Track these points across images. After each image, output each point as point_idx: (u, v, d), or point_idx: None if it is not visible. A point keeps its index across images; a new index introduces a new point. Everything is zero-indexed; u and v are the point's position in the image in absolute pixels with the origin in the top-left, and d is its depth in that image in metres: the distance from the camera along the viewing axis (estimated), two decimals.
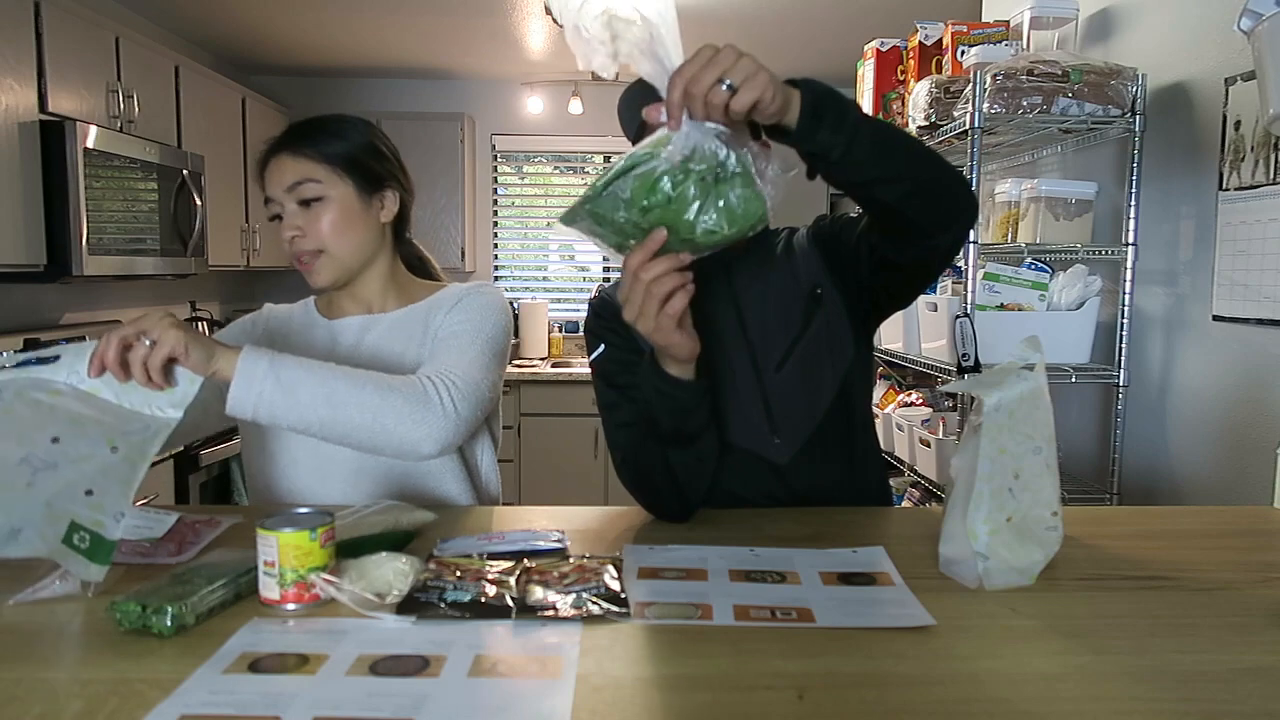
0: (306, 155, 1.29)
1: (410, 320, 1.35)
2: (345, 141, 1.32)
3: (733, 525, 1.16)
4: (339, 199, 1.30)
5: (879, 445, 1.43)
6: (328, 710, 0.67)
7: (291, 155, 1.29)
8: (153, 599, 0.82)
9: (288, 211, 1.29)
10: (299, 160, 1.29)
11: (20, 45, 2.41)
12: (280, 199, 1.29)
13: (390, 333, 1.34)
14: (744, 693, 0.71)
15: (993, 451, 0.94)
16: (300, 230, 1.29)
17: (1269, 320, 1.69)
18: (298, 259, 1.31)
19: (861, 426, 1.33)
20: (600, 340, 1.29)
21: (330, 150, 1.30)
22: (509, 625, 0.83)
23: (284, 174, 1.29)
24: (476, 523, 1.18)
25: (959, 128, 2.05)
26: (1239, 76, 1.76)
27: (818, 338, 1.27)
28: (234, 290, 4.55)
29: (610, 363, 1.28)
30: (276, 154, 1.31)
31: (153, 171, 2.92)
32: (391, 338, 1.34)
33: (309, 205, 1.29)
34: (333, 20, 3.76)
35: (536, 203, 5.11)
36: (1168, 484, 1.99)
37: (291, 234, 1.29)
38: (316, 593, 0.87)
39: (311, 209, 1.29)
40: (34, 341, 2.49)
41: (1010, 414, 0.95)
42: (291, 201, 1.29)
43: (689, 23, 4.03)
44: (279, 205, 1.30)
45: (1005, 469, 0.95)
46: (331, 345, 1.35)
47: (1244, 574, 1.00)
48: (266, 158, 1.32)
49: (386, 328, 1.35)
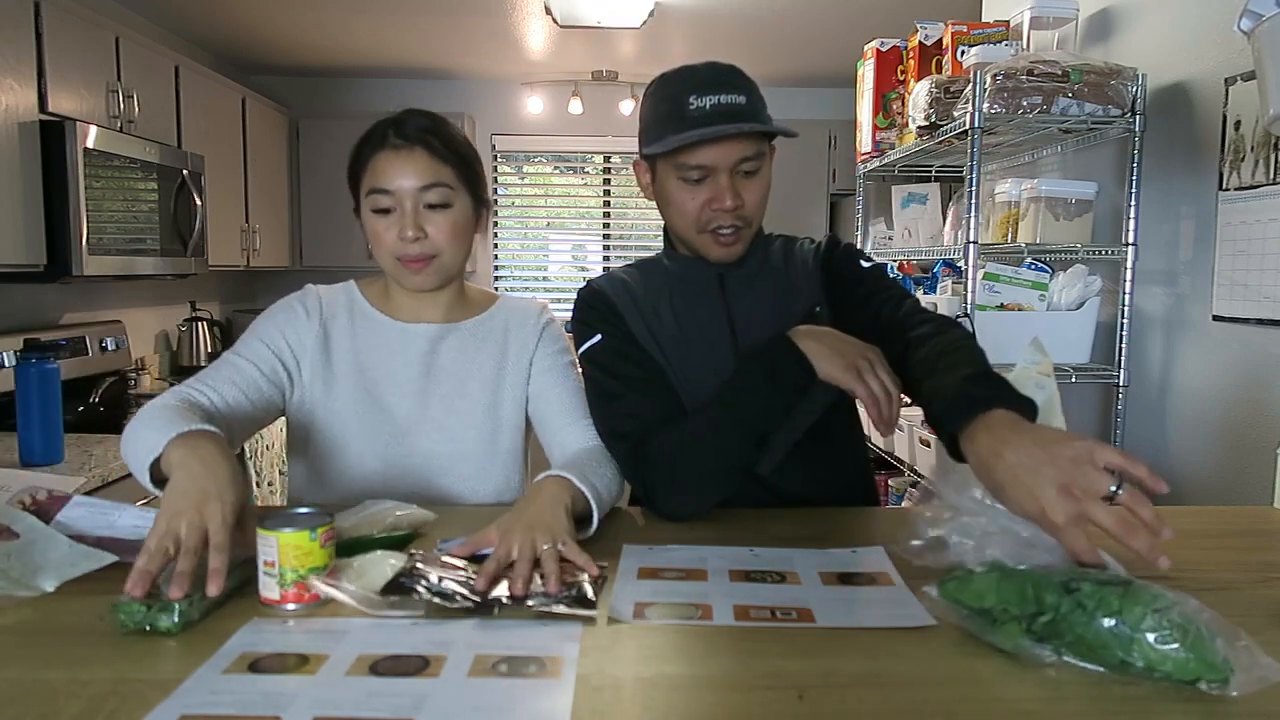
0: (444, 159, 1.25)
1: (483, 333, 1.38)
2: (470, 153, 1.30)
3: (733, 525, 1.16)
4: (462, 209, 1.28)
5: (865, 445, 1.43)
6: (328, 710, 0.67)
7: (429, 154, 1.24)
8: (155, 598, 0.82)
9: (409, 210, 1.24)
10: (435, 162, 1.24)
11: (20, 45, 2.40)
12: (404, 195, 1.24)
13: (465, 343, 1.36)
14: (744, 693, 0.71)
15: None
16: (422, 232, 1.25)
17: (1269, 320, 1.69)
18: (405, 259, 1.26)
19: (842, 429, 1.33)
20: (595, 330, 1.28)
21: (462, 157, 1.27)
22: (509, 625, 0.83)
23: (419, 171, 1.24)
24: (477, 523, 1.18)
25: (959, 128, 2.05)
26: (1239, 76, 1.76)
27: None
28: (234, 290, 4.55)
29: (609, 353, 1.27)
30: (405, 146, 1.24)
31: (153, 171, 2.92)
32: (465, 347, 1.36)
33: (435, 209, 1.25)
34: (333, 20, 3.76)
35: (536, 203, 5.11)
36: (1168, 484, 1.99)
37: (414, 234, 1.24)
38: (316, 593, 0.87)
39: (437, 212, 1.25)
40: (34, 341, 2.49)
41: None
42: (417, 201, 1.24)
43: (689, 23, 4.00)
44: (393, 199, 1.24)
45: None
46: (407, 350, 1.34)
47: (1244, 574, 1.00)
48: (380, 148, 1.25)
49: (462, 338, 1.36)
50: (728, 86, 1.20)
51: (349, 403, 1.31)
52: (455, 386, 1.34)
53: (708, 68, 1.24)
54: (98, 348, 3.13)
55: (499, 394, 1.36)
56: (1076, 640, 0.74)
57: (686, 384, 1.27)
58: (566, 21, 3.59)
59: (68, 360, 2.88)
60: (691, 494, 1.19)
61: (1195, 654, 0.70)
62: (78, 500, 1.07)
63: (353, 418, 1.31)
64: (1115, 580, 0.76)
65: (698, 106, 1.19)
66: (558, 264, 5.19)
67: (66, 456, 2.16)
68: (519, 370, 1.38)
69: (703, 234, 1.26)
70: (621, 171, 5.06)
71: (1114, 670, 0.73)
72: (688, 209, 1.24)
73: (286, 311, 1.34)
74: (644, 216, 5.12)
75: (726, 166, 1.20)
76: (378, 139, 1.26)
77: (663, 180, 1.26)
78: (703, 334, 1.29)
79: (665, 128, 1.21)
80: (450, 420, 1.32)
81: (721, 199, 1.21)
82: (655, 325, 1.30)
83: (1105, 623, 0.72)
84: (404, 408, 1.32)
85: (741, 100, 1.20)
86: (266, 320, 1.33)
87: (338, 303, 1.37)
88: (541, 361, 1.38)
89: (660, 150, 1.21)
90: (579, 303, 1.34)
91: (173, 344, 3.89)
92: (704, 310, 1.30)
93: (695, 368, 1.28)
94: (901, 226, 2.79)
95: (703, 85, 1.20)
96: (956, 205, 2.46)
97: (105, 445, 2.34)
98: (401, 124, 1.26)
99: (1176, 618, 0.71)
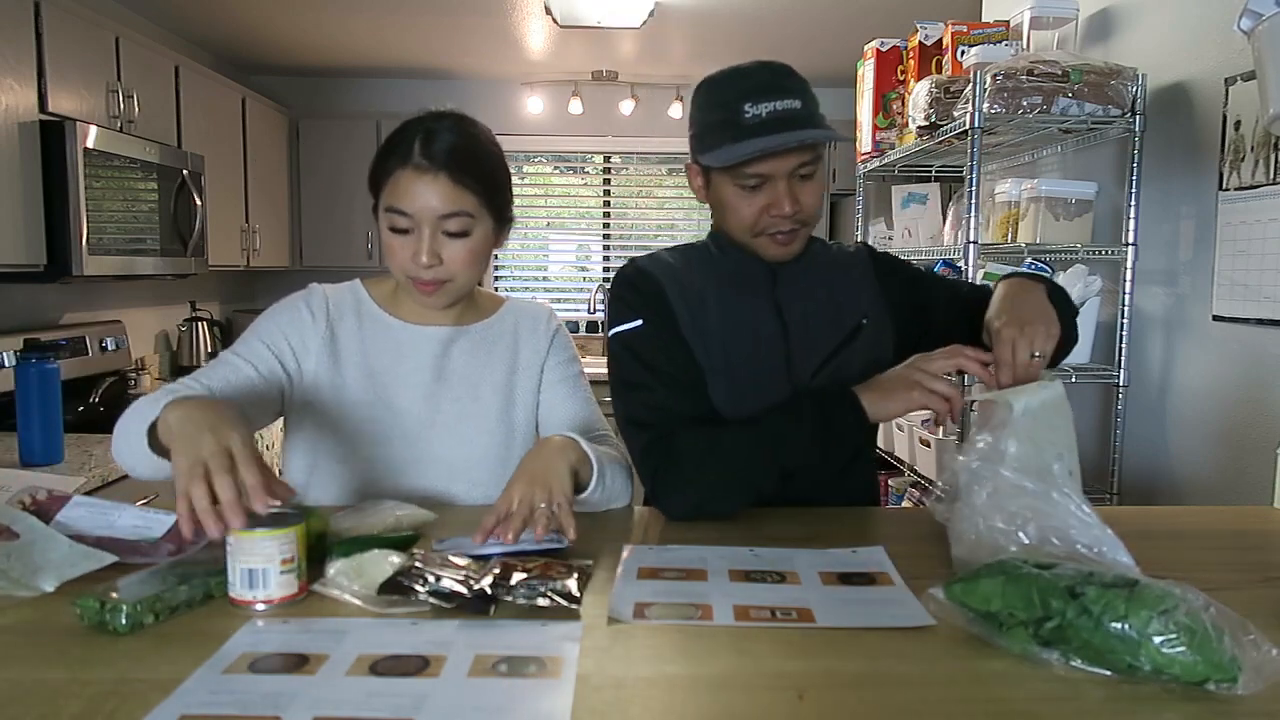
0: (468, 187, 1.20)
1: (493, 337, 1.37)
2: (498, 174, 1.25)
3: (733, 525, 1.16)
4: (482, 234, 1.24)
5: (875, 447, 1.43)
6: (328, 710, 0.67)
7: (453, 182, 1.18)
8: (110, 597, 0.82)
9: (426, 236, 1.20)
10: (459, 190, 1.19)
11: (20, 45, 2.40)
12: (423, 220, 1.19)
13: (476, 347, 1.35)
14: (744, 693, 0.71)
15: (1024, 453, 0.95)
16: (439, 259, 1.21)
17: (1269, 320, 1.69)
18: (417, 282, 1.23)
19: (870, 440, 1.35)
20: (636, 314, 1.26)
21: (486, 182, 1.22)
22: (509, 625, 0.83)
23: (441, 199, 1.18)
24: (477, 523, 1.18)
25: (959, 128, 2.05)
26: (1239, 76, 1.76)
27: (853, 361, 1.29)
28: (234, 290, 4.55)
29: (645, 340, 1.25)
30: (430, 170, 1.18)
31: (153, 171, 2.92)
32: (476, 351, 1.35)
33: (454, 236, 1.21)
34: (333, 20, 3.76)
35: (536, 203, 5.11)
36: (1168, 484, 1.99)
37: (429, 261, 1.20)
38: (292, 592, 0.88)
39: (455, 240, 1.21)
40: (34, 341, 2.49)
41: (1034, 419, 0.97)
42: (435, 227, 1.20)
43: (689, 23, 4.00)
44: (411, 221, 1.20)
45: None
46: (418, 352, 1.32)
47: (1244, 574, 1.00)
48: (405, 165, 1.19)
49: (473, 341, 1.35)
50: (782, 91, 1.18)
51: (359, 405, 1.29)
52: (467, 390, 1.33)
53: (760, 70, 1.21)
54: (98, 348, 3.13)
55: (511, 399, 1.35)
56: (1083, 645, 0.74)
57: (728, 373, 1.26)
58: (566, 21, 3.59)
59: (68, 360, 2.88)
60: (700, 500, 1.19)
61: (1203, 655, 0.70)
62: (78, 500, 1.06)
63: (364, 421, 1.29)
64: (1121, 582, 0.76)
65: (753, 115, 1.16)
66: (558, 264, 5.19)
67: (66, 456, 2.16)
68: (530, 376, 1.37)
69: (759, 237, 1.25)
70: (621, 171, 5.06)
71: (1122, 674, 0.73)
72: (744, 215, 1.23)
73: (290, 311, 1.31)
74: (644, 217, 5.12)
75: (784, 173, 1.19)
76: (404, 152, 1.19)
77: (718, 186, 1.24)
78: (751, 326, 1.28)
79: (720, 137, 1.19)
80: (463, 425, 1.31)
81: (780, 205, 1.20)
82: (699, 313, 1.27)
83: (1112, 627, 0.72)
84: (415, 412, 1.30)
85: (797, 105, 1.18)
86: (268, 320, 1.30)
87: (345, 303, 1.33)
88: (552, 372, 1.38)
89: (717, 164, 1.20)
90: (622, 279, 1.30)
91: (173, 344, 3.89)
92: (753, 302, 1.29)
93: (740, 358, 1.26)
94: (901, 226, 2.79)
95: (757, 91, 1.17)
96: (956, 205, 2.46)
97: (105, 445, 2.34)
98: (430, 140, 1.19)
99: (1183, 618, 0.71)
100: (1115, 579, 0.76)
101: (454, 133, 1.21)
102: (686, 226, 5.07)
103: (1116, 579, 0.76)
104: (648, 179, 5.11)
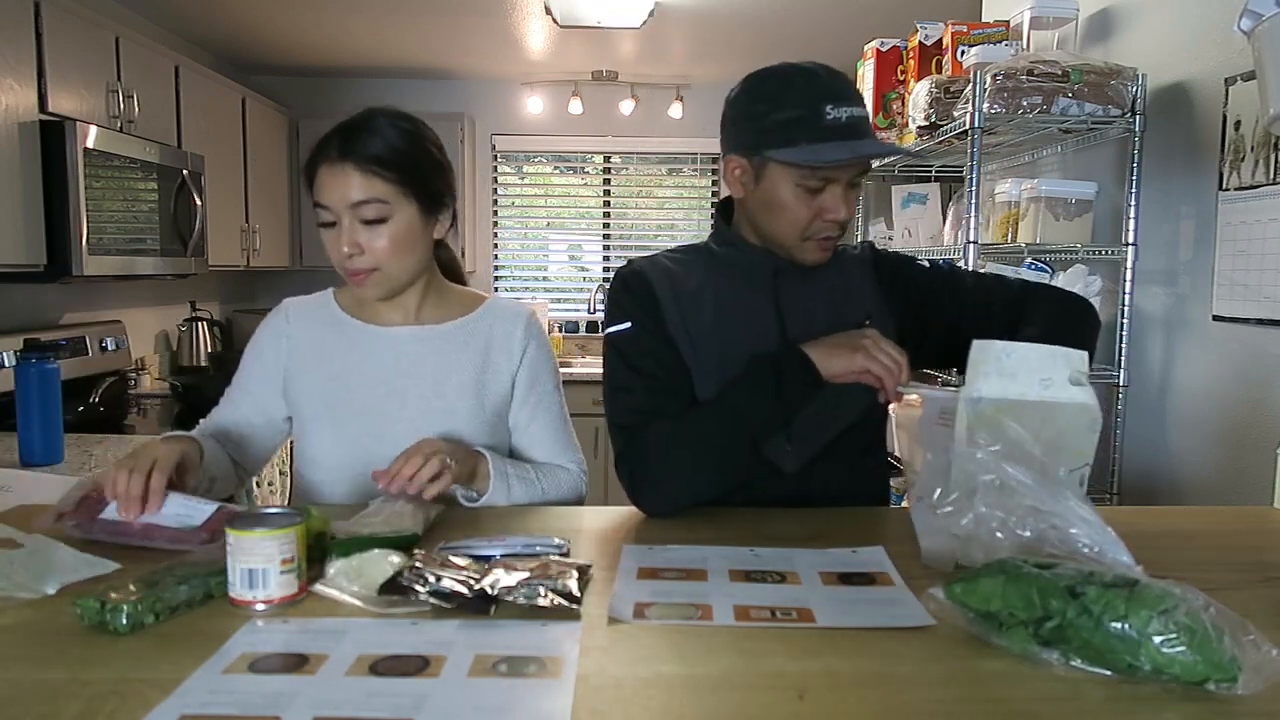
0: (375, 174, 1.22)
1: (463, 337, 1.37)
2: (414, 159, 1.26)
3: (733, 525, 1.16)
4: (404, 220, 1.25)
5: (886, 448, 1.43)
6: (328, 710, 0.67)
7: (359, 170, 1.22)
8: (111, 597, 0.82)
9: (345, 226, 1.24)
10: (367, 178, 1.22)
11: (20, 45, 2.40)
12: (340, 211, 1.23)
13: (444, 347, 1.36)
14: (744, 693, 0.71)
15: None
16: (359, 248, 1.24)
17: (1269, 320, 1.69)
18: (350, 272, 1.27)
19: (878, 437, 1.35)
20: (627, 316, 1.27)
21: (400, 169, 1.23)
22: (509, 625, 0.83)
23: (348, 188, 1.22)
24: (478, 524, 1.18)
25: (959, 128, 2.05)
26: (1239, 76, 1.76)
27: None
28: (234, 290, 4.55)
29: (633, 342, 1.26)
30: (339, 162, 1.22)
31: (153, 171, 2.92)
32: (444, 351, 1.36)
33: (371, 224, 1.23)
34: (333, 20, 3.75)
35: (536, 203, 5.10)
36: (1168, 484, 1.99)
37: (349, 250, 1.24)
38: (292, 592, 0.88)
39: (373, 228, 1.24)
40: (34, 341, 2.48)
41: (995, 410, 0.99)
42: (352, 218, 1.23)
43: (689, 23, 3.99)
44: (333, 215, 1.24)
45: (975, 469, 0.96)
46: (382, 354, 1.34)
47: (1244, 574, 1.00)
48: (321, 161, 1.24)
49: (440, 340, 1.36)
50: (856, 99, 1.20)
51: (324, 408, 1.33)
52: (433, 388, 1.34)
53: (828, 73, 1.21)
54: (98, 348, 3.13)
55: (481, 399, 1.35)
56: (1083, 645, 0.74)
57: (721, 373, 1.25)
58: (566, 21, 3.59)
59: (68, 360, 2.88)
60: (674, 490, 1.19)
61: (1203, 655, 0.70)
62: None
63: (328, 423, 1.33)
64: (1121, 582, 0.76)
65: (835, 117, 1.17)
66: (557, 264, 5.18)
67: (66, 456, 2.16)
68: (501, 380, 1.38)
69: (807, 240, 1.25)
70: (621, 171, 5.06)
71: (1122, 674, 0.73)
72: (800, 216, 1.22)
73: (263, 331, 1.39)
74: (644, 217, 5.11)
75: (847, 179, 1.21)
76: (321, 150, 1.25)
77: (776, 184, 1.22)
78: (747, 323, 1.28)
79: (799, 133, 1.17)
80: (426, 422, 1.31)
81: (836, 210, 1.21)
82: (691, 314, 1.27)
83: (1112, 627, 0.72)
84: (378, 410, 1.32)
85: (865, 114, 1.21)
86: (250, 348, 1.40)
87: (308, 312, 1.39)
88: (522, 387, 1.39)
89: (799, 160, 1.18)
90: (618, 281, 1.31)
91: (173, 344, 3.88)
92: (751, 299, 1.29)
93: (735, 359, 1.25)
94: (901, 226, 2.79)
95: (836, 95, 1.18)
96: (956, 205, 2.46)
97: (105, 445, 2.34)
98: (344, 135, 1.24)
99: (1183, 618, 0.71)
100: (1115, 579, 0.76)
101: (366, 127, 1.25)
102: (686, 226, 5.07)
103: (1116, 579, 0.76)
104: (648, 179, 5.11)
